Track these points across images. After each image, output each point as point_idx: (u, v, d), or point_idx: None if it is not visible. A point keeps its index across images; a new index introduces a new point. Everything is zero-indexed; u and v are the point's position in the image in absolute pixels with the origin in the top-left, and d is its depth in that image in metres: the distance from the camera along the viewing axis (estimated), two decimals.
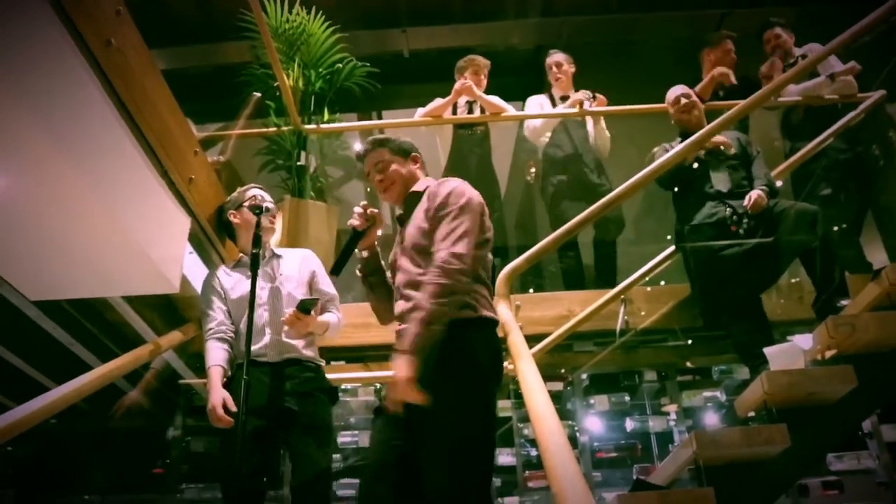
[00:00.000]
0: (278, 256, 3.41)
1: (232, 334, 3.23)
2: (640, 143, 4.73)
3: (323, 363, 3.31)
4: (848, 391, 2.81)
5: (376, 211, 2.60)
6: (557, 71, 5.55)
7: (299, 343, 3.19)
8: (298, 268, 3.37)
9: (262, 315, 3.19)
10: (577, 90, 5.49)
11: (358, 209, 2.58)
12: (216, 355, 3.14)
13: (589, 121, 5.44)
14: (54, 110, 2.49)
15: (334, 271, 2.50)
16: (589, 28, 7.11)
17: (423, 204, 2.51)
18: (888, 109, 4.95)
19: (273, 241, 3.54)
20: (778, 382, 2.80)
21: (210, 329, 3.22)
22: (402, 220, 2.64)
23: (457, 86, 5.29)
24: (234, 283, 3.32)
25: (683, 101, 4.34)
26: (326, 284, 3.42)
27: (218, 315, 3.24)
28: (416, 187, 2.65)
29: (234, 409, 2.90)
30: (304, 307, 3.04)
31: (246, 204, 3.41)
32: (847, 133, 4.90)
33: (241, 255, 3.45)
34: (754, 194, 3.91)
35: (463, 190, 2.47)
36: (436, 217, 2.42)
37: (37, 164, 2.62)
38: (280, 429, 3.08)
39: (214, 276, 3.37)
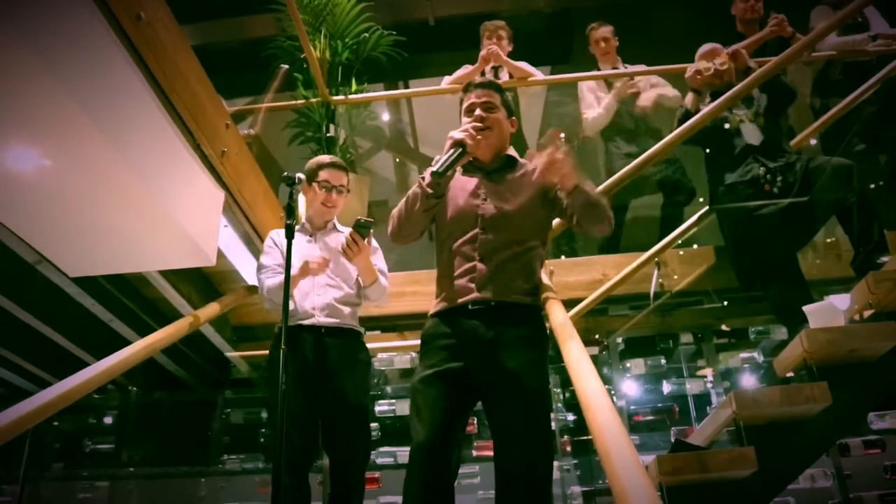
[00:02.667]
0: (339, 231, 3.45)
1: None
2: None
3: (363, 331, 3.38)
4: (890, 348, 2.77)
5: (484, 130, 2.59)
6: (606, 45, 5.48)
7: (345, 310, 3.26)
8: None
9: (313, 279, 3.25)
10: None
11: (470, 126, 2.53)
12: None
13: (648, 90, 5.39)
14: (87, 86, 2.51)
15: (441, 173, 2.41)
16: None
17: (533, 178, 2.63)
18: None
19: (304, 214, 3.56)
20: (818, 340, 2.76)
21: (265, 269, 3.31)
22: (487, 174, 2.65)
23: (483, 52, 5.24)
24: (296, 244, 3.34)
25: (716, 66, 4.22)
26: (378, 260, 3.42)
27: (272, 262, 3.33)
28: (510, 152, 2.72)
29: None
30: (360, 226, 3.02)
31: (315, 186, 3.41)
32: (881, 87, 4.78)
33: (304, 220, 3.50)
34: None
35: None
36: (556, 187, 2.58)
37: (72, 140, 2.65)
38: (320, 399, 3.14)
39: (277, 234, 3.44)
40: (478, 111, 2.63)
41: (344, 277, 3.33)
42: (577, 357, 1.91)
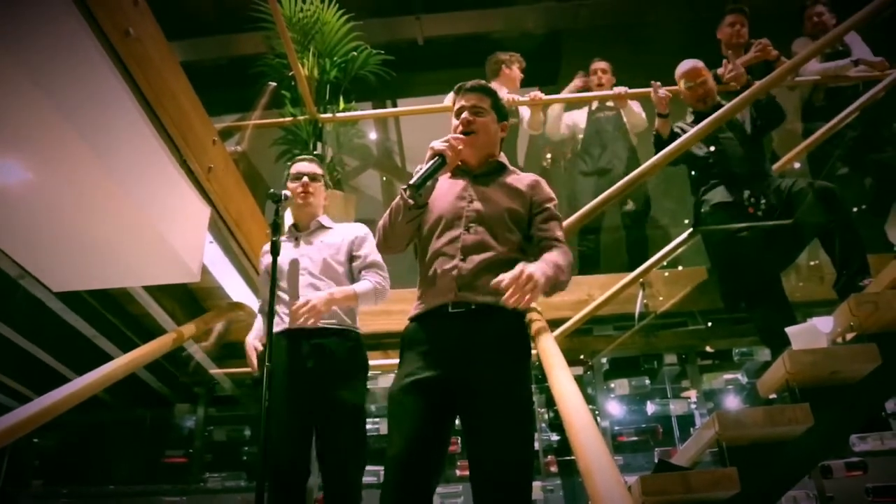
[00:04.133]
0: (327, 228, 3.39)
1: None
2: None
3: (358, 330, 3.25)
4: (871, 370, 2.79)
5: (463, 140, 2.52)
6: (602, 76, 5.60)
7: (334, 309, 3.14)
8: (343, 237, 3.34)
9: (298, 282, 3.20)
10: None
11: (451, 137, 2.47)
12: (259, 327, 3.29)
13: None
14: (74, 101, 2.51)
15: (418, 186, 2.37)
16: (604, 11, 7.08)
17: (522, 187, 2.57)
18: None
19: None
20: (800, 361, 2.78)
21: (260, 305, 3.35)
22: (474, 178, 2.60)
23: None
24: (283, 251, 3.26)
25: (699, 90, 4.25)
26: (370, 250, 3.31)
27: (263, 292, 3.32)
28: (501, 158, 2.67)
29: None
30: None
31: (288, 183, 3.41)
32: (864, 111, 4.84)
33: (289, 227, 3.45)
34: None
35: None
36: (542, 209, 2.55)
37: (58, 155, 2.65)
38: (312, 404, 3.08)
39: (264, 253, 3.38)
40: (465, 114, 2.58)
41: (330, 275, 3.23)
42: (560, 378, 1.91)
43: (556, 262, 2.34)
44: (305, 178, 3.36)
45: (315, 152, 5.06)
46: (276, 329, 3.05)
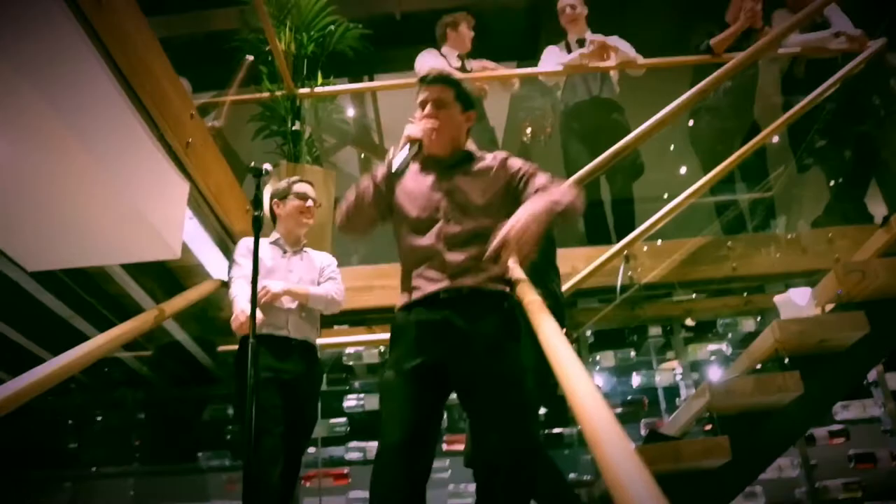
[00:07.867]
0: (305, 252, 3.50)
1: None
2: (642, 98, 4.67)
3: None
4: (859, 337, 2.80)
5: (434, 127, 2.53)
6: (572, 12, 5.42)
7: (308, 325, 3.32)
8: (319, 264, 3.49)
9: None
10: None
11: (423, 123, 2.50)
12: (241, 289, 3.21)
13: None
14: (47, 74, 2.43)
15: (400, 173, 2.44)
16: None
17: (493, 170, 2.57)
18: (889, 59, 4.89)
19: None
20: (789, 330, 2.79)
21: (235, 275, 3.30)
22: (443, 169, 2.59)
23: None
24: (269, 256, 3.38)
25: None
26: (332, 272, 3.48)
27: (245, 267, 3.26)
28: (468, 147, 2.66)
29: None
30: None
31: (292, 198, 3.47)
32: (843, 84, 4.83)
33: (277, 235, 3.48)
34: None
35: None
36: (521, 176, 2.52)
37: (31, 130, 2.56)
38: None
39: (244, 246, 3.43)
40: (428, 108, 2.57)
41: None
42: (560, 352, 1.88)
43: (547, 196, 2.34)
44: (311, 202, 3.47)
45: (293, 128, 4.97)
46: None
